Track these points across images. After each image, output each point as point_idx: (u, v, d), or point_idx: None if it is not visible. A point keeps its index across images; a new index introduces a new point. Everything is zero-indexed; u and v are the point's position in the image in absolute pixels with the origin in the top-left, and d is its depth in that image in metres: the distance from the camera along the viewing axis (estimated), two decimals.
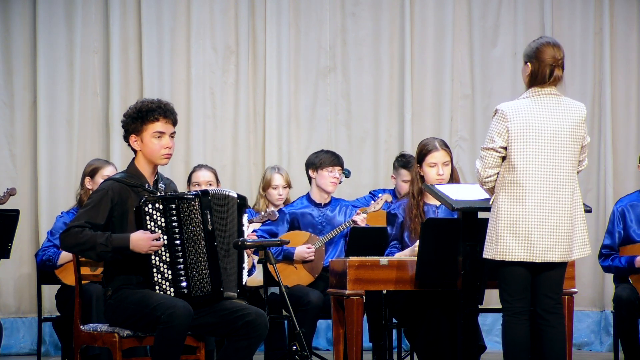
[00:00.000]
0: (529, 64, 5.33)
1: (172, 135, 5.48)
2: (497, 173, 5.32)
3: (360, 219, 7.31)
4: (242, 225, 5.57)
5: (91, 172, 7.28)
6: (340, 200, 7.69)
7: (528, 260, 5.26)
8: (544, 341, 5.35)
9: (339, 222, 7.45)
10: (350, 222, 7.33)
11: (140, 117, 5.43)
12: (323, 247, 7.36)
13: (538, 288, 5.36)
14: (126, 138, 5.50)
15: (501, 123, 5.29)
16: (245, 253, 5.58)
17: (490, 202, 5.39)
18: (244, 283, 5.55)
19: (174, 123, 5.50)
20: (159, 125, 5.43)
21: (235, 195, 5.55)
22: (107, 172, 7.21)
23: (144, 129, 5.43)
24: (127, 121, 5.47)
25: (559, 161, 5.28)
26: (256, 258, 7.06)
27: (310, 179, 7.59)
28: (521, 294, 5.34)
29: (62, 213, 7.40)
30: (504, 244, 5.26)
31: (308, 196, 7.58)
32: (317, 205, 7.52)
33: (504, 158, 5.31)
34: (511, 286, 5.34)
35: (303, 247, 7.33)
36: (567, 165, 5.30)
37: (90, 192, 7.20)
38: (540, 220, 5.25)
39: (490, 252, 5.32)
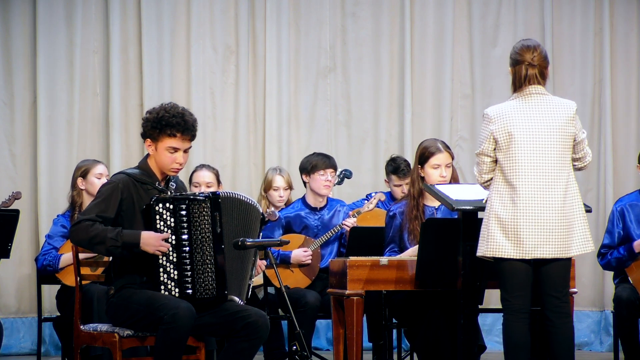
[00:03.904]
0: (511, 69, 5.43)
1: (186, 150, 5.41)
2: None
3: (351, 223, 7.27)
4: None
5: (82, 172, 7.21)
6: (336, 202, 7.62)
7: (518, 258, 5.29)
8: (549, 343, 5.36)
9: (335, 225, 7.41)
10: (341, 226, 7.30)
11: (158, 127, 5.35)
12: (319, 250, 7.33)
13: (541, 288, 5.37)
14: (143, 136, 5.44)
15: (486, 127, 5.38)
16: (256, 265, 5.57)
17: (484, 201, 5.43)
18: (248, 295, 5.53)
19: (192, 138, 5.41)
20: (175, 142, 5.36)
21: (260, 210, 5.53)
22: (99, 170, 7.20)
23: (160, 139, 5.37)
24: (147, 125, 5.40)
25: (548, 159, 5.33)
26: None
27: (304, 182, 7.55)
28: (519, 290, 5.34)
29: (57, 216, 7.35)
30: (495, 241, 5.29)
31: (304, 199, 7.52)
32: (313, 209, 7.47)
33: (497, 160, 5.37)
34: (509, 282, 5.34)
35: (300, 250, 7.27)
36: (557, 163, 5.34)
37: (84, 192, 7.19)
38: (530, 218, 5.28)
39: (482, 249, 5.36)
